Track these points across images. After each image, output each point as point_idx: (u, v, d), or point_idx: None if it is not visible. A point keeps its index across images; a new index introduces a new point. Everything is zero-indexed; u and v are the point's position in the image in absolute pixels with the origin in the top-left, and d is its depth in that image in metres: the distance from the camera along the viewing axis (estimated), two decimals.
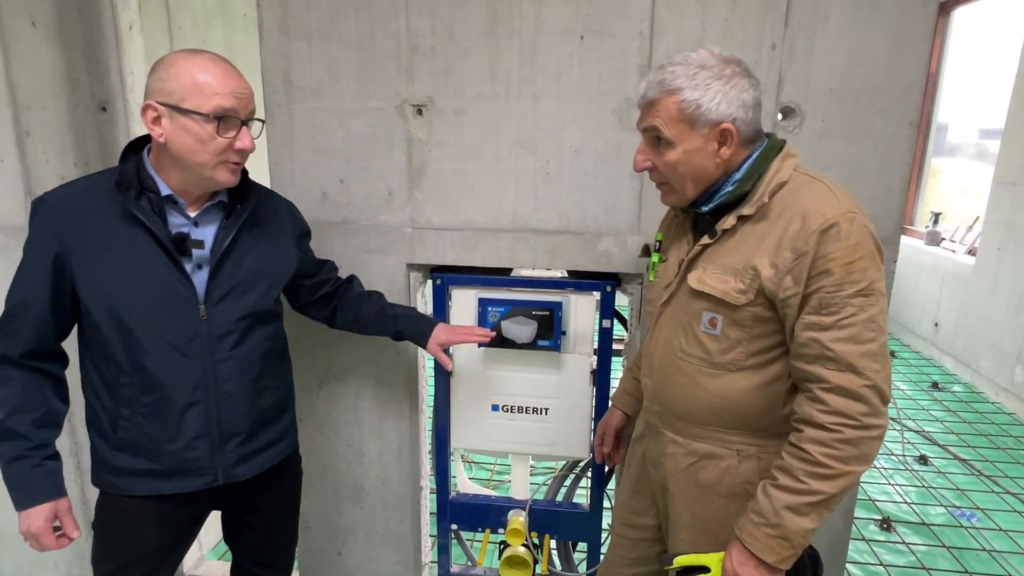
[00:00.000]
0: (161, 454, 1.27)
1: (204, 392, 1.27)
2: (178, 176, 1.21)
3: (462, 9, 1.58)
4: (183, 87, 1.13)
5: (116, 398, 1.25)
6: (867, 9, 1.44)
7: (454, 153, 1.67)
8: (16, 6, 1.64)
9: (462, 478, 1.99)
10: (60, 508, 1.26)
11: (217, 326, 1.26)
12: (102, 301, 1.19)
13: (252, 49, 2.73)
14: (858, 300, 1.01)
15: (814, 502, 1.02)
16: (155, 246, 1.20)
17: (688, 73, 1.07)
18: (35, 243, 1.18)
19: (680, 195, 1.17)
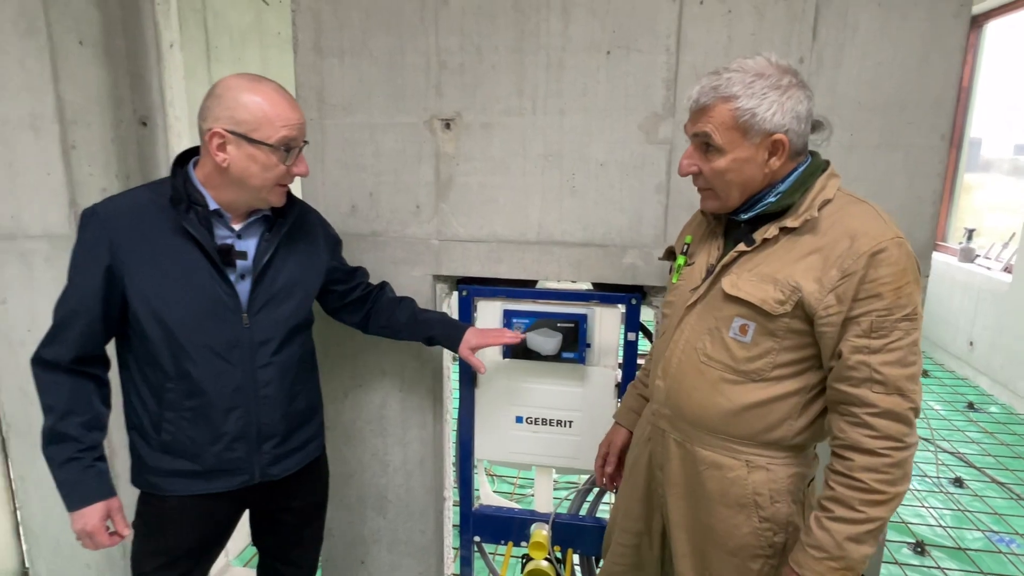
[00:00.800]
0: (202, 455, 1.32)
1: (244, 396, 1.32)
2: (230, 194, 1.26)
3: (490, 26, 1.62)
4: (253, 118, 1.19)
5: (160, 402, 1.29)
6: (896, 21, 1.44)
7: (481, 167, 1.70)
8: (66, 26, 1.72)
9: (485, 490, 1.99)
10: (112, 507, 1.31)
11: (258, 333, 1.32)
12: (151, 310, 1.23)
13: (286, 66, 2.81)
14: (905, 324, 1.03)
15: (872, 529, 1.04)
16: (202, 257, 1.25)
17: (745, 81, 1.07)
18: (86, 254, 1.22)
19: (723, 202, 1.17)
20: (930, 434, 3.85)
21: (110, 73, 1.78)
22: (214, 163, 1.22)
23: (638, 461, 1.39)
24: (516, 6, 1.59)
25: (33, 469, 2.05)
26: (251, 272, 1.30)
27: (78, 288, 1.23)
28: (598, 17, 1.56)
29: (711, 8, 1.51)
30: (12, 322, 1.93)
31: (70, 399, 1.26)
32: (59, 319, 1.25)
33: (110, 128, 1.81)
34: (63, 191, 1.81)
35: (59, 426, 1.25)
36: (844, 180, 1.51)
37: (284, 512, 1.52)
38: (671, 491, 1.27)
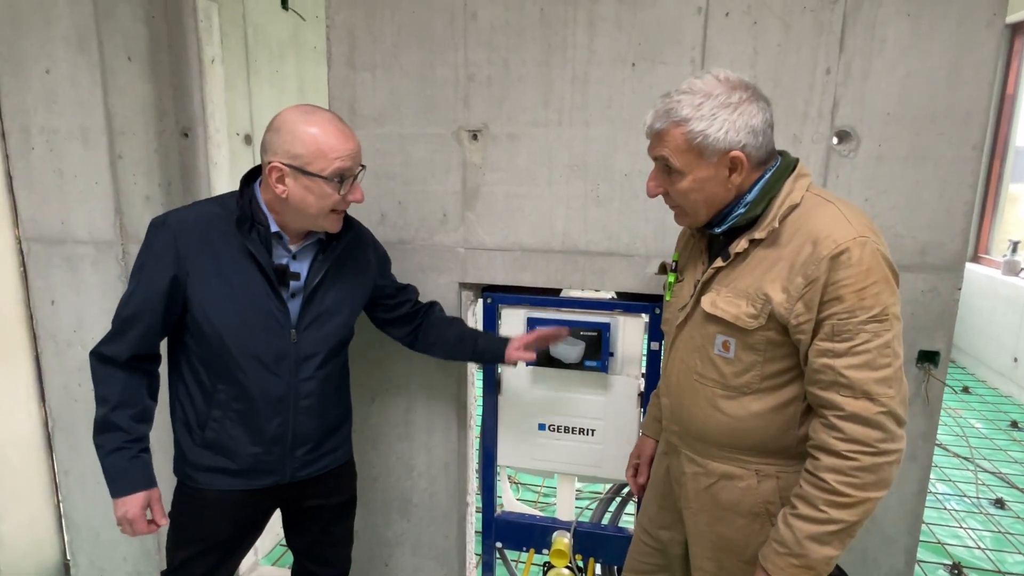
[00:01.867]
0: (240, 455, 1.39)
1: (286, 406, 1.39)
2: (290, 220, 1.33)
3: (517, 40, 1.65)
4: (309, 152, 1.24)
5: (209, 401, 1.37)
6: (926, 31, 1.42)
7: (507, 177, 1.73)
8: (116, 44, 1.81)
9: (508, 496, 2.00)
10: (152, 497, 1.37)
11: (304, 349, 1.39)
12: (209, 319, 1.31)
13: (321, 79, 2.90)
14: (872, 326, 1.01)
15: (835, 531, 1.03)
16: (259, 275, 1.32)
17: (694, 103, 1.06)
18: (155, 260, 1.29)
19: (693, 218, 1.18)
20: (970, 453, 3.72)
21: (155, 87, 1.87)
22: (275, 193, 1.29)
23: (657, 472, 1.41)
24: (543, 20, 1.62)
25: (76, 464, 2.14)
26: (302, 292, 1.38)
27: (143, 292, 1.30)
28: (624, 30, 1.58)
29: (737, 20, 1.52)
30: (59, 323, 2.03)
31: (123, 392, 1.33)
32: (124, 319, 1.32)
33: (154, 139, 1.89)
34: (109, 199, 1.90)
35: (111, 416, 1.33)
36: (873, 192, 1.51)
37: (314, 511, 1.56)
38: (687, 505, 1.28)
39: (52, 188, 1.94)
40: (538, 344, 1.63)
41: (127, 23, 1.82)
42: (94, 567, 2.23)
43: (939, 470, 3.52)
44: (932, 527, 2.95)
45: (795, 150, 1.54)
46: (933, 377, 1.55)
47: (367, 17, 1.73)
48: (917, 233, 1.51)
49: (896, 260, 1.50)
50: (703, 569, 1.27)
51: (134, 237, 1.92)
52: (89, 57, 1.82)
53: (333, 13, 1.75)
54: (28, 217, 1.99)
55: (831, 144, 1.52)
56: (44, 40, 1.84)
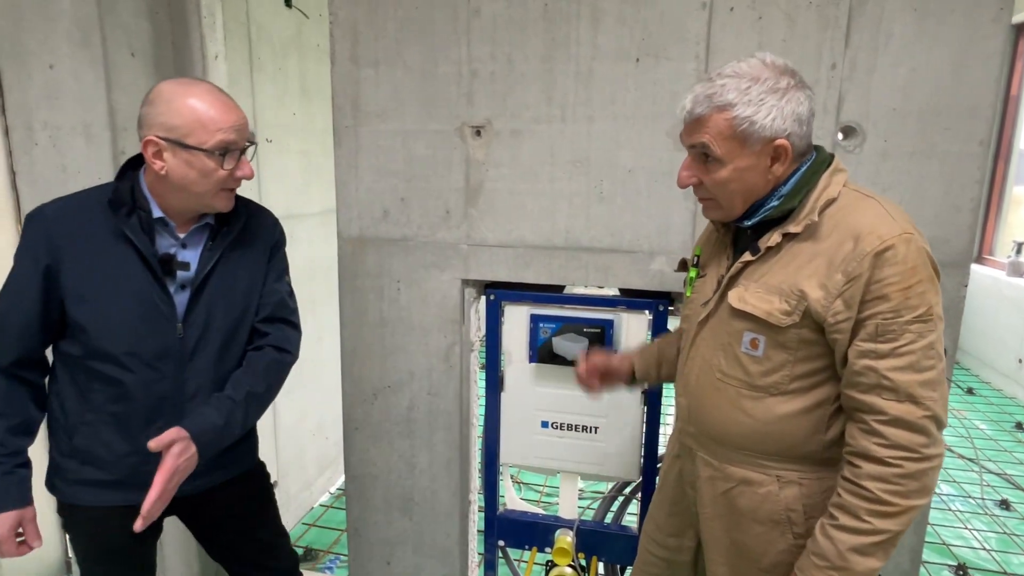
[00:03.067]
0: (116, 465, 1.27)
1: (169, 407, 1.26)
2: (174, 201, 1.23)
3: (521, 36, 1.64)
4: (185, 123, 1.15)
5: (83, 403, 1.25)
6: (932, 25, 1.42)
7: (510, 173, 1.72)
8: (119, 39, 1.81)
9: (510, 494, 2.00)
10: (25, 517, 1.24)
11: (191, 344, 1.27)
12: (85, 313, 1.20)
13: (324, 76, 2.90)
14: (917, 327, 0.96)
15: (879, 541, 0.98)
16: (141, 265, 1.21)
17: (740, 87, 1.01)
18: (26, 253, 1.20)
19: (727, 211, 1.12)
20: (975, 454, 3.71)
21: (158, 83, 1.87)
22: (154, 172, 1.19)
23: (667, 476, 1.36)
24: (546, 16, 1.62)
25: None
26: (191, 283, 1.27)
27: (16, 289, 1.20)
28: (627, 25, 1.58)
29: (741, 15, 1.51)
30: None
31: (1, 403, 1.22)
32: (5, 326, 1.21)
33: None
34: None
35: None
36: (877, 188, 1.50)
37: (224, 521, 1.47)
38: (703, 510, 1.23)
39: (55, 184, 1.94)
40: None
41: (130, 19, 1.82)
42: None
43: (944, 471, 3.51)
44: (937, 528, 2.94)
45: None
46: None
47: (370, 13, 1.73)
48: (923, 229, 1.44)
49: None
50: (717, 575, 1.23)
51: None
52: (92, 53, 1.82)
53: (336, 9, 1.75)
54: None
55: (836, 140, 1.52)
56: (47, 35, 1.84)
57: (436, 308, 1.84)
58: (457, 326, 1.84)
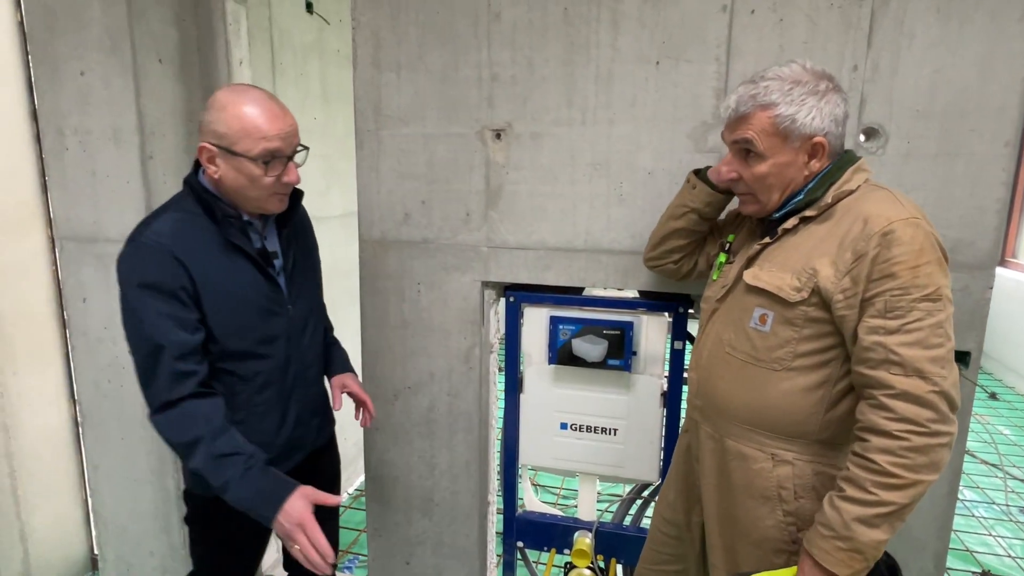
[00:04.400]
0: (274, 443, 1.40)
1: (297, 380, 1.44)
2: (237, 203, 1.32)
3: (541, 39, 1.66)
4: (233, 131, 1.21)
5: (232, 407, 1.32)
6: (956, 26, 1.41)
7: (530, 175, 1.73)
8: (147, 46, 1.85)
9: (529, 495, 2.00)
10: (307, 492, 1.22)
11: (298, 322, 1.43)
12: (224, 322, 1.28)
13: (345, 81, 2.93)
14: (925, 305, 1.00)
15: (885, 513, 1.00)
16: (249, 263, 1.33)
17: (783, 88, 1.10)
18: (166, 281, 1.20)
19: (763, 206, 1.20)
20: (999, 460, 3.64)
21: (185, 88, 1.91)
22: (208, 175, 1.27)
23: (678, 452, 1.43)
24: (566, 19, 1.63)
25: (105, 459, 2.18)
26: (283, 268, 1.41)
27: (177, 321, 1.21)
28: (647, 28, 1.58)
29: (762, 17, 1.51)
30: (90, 320, 2.07)
31: (211, 422, 1.21)
32: (172, 355, 1.20)
33: (183, 139, 1.93)
34: (140, 198, 1.94)
35: (215, 448, 1.19)
36: (901, 189, 1.49)
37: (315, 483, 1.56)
38: (704, 482, 1.29)
39: (85, 188, 1.99)
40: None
41: (158, 26, 1.86)
42: (122, 562, 2.26)
43: (967, 477, 3.45)
44: (961, 534, 2.89)
45: None
46: (964, 378, 1.53)
47: (392, 18, 1.75)
48: (947, 231, 1.49)
49: None
50: (715, 546, 1.28)
51: None
52: (122, 59, 1.86)
53: (359, 15, 1.78)
54: (61, 216, 2.04)
55: (858, 141, 1.51)
56: (78, 43, 1.89)
57: (456, 310, 1.86)
58: (477, 328, 1.85)
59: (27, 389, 2.17)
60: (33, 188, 2.14)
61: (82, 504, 2.40)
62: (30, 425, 2.18)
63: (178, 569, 2.20)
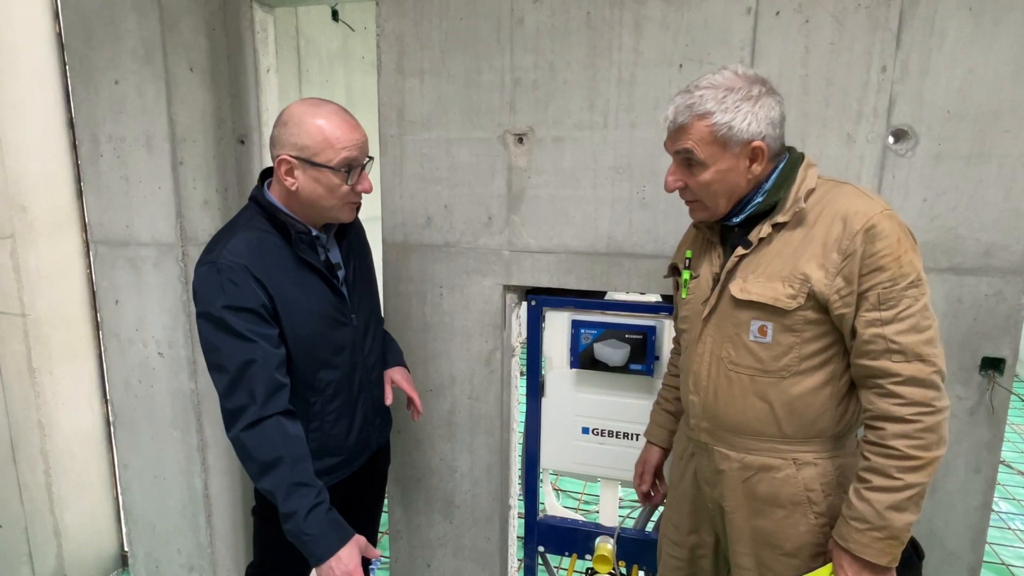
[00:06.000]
0: (344, 445, 1.46)
1: (363, 385, 1.49)
2: (308, 215, 1.36)
3: (563, 44, 1.66)
4: (315, 143, 1.25)
5: (306, 417, 1.36)
6: (988, 26, 1.38)
7: (552, 179, 1.74)
8: (179, 55, 1.90)
9: (550, 500, 2.00)
10: (360, 543, 1.27)
11: (361, 329, 1.48)
12: (299, 336, 1.32)
13: (368, 87, 2.97)
14: (912, 291, 1.05)
15: (912, 495, 1.04)
16: (317, 277, 1.36)
17: (716, 96, 1.11)
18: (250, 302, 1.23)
19: (712, 212, 1.21)
20: None
21: (214, 96, 1.96)
22: (286, 188, 1.30)
23: (684, 477, 1.39)
24: (589, 23, 1.63)
25: (135, 458, 2.23)
26: (346, 279, 1.45)
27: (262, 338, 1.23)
28: (670, 31, 1.58)
29: (788, 18, 1.50)
30: (122, 322, 2.13)
31: (295, 447, 1.23)
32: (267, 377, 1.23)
33: (212, 145, 1.97)
34: (171, 203, 1.99)
35: (293, 476, 1.21)
36: (931, 192, 1.47)
37: (365, 488, 1.64)
38: (725, 503, 1.27)
39: (118, 193, 2.04)
40: None
41: (190, 36, 1.91)
42: (151, 558, 2.31)
43: (1003, 488, 3.35)
44: (995, 547, 2.81)
45: (849, 150, 1.50)
46: (998, 385, 1.49)
47: (415, 24, 1.77)
48: (980, 235, 1.45)
49: (957, 263, 1.47)
50: (742, 567, 1.26)
51: (193, 240, 2.00)
52: (154, 68, 1.92)
53: (383, 21, 1.80)
54: (95, 221, 2.10)
55: (887, 143, 1.48)
56: (114, 53, 1.94)
57: (478, 313, 1.86)
58: (499, 331, 1.86)
59: (61, 389, 2.23)
60: (69, 194, 2.21)
61: (113, 502, 2.46)
62: (64, 424, 2.25)
63: (204, 566, 2.24)
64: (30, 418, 2.15)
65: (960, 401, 1.52)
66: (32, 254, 2.11)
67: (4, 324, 2.06)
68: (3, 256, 2.04)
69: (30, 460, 2.17)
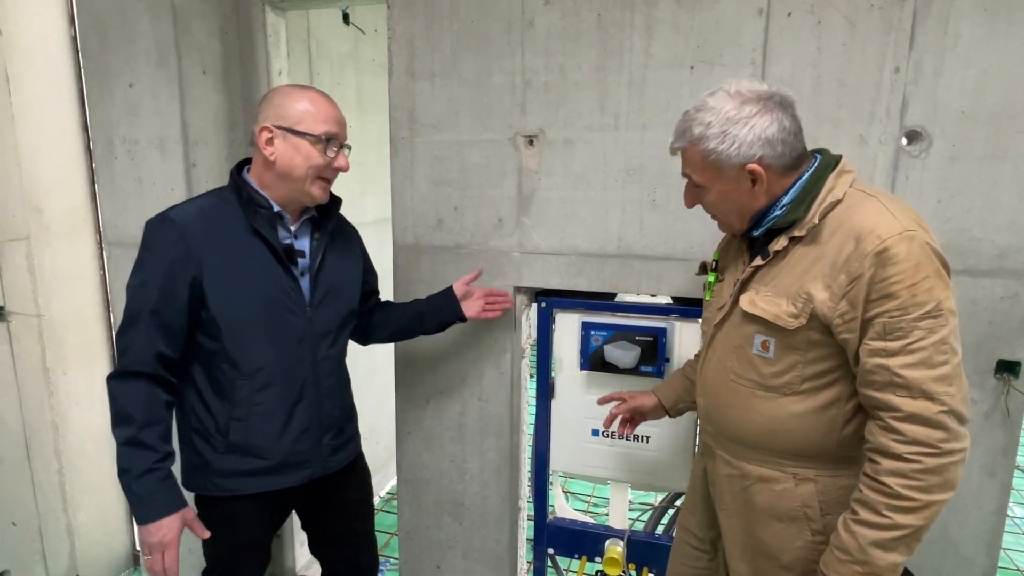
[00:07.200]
0: (271, 450, 1.37)
1: (309, 388, 1.40)
2: (280, 192, 1.35)
3: (574, 46, 1.66)
4: (298, 113, 1.31)
5: (231, 401, 1.33)
6: (1003, 26, 1.36)
7: (562, 181, 1.74)
8: (193, 59, 1.92)
9: (560, 502, 1.99)
10: (187, 517, 1.29)
11: (319, 327, 1.41)
12: (232, 309, 1.29)
13: (379, 90, 2.99)
14: (926, 323, 0.97)
15: (900, 536, 0.99)
16: (270, 255, 1.34)
17: (704, 121, 1.09)
18: (167, 259, 1.25)
19: (730, 228, 1.22)
20: None
21: (227, 99, 1.97)
22: (263, 159, 1.32)
23: (696, 473, 1.41)
24: (600, 26, 1.63)
25: None
26: (309, 269, 1.41)
27: (159, 291, 1.24)
28: (682, 33, 1.58)
29: (800, 19, 1.49)
30: None
31: (148, 409, 1.25)
32: (139, 326, 1.24)
33: (224, 147, 1.99)
34: None
35: (139, 436, 1.23)
36: (945, 194, 1.45)
37: (337, 510, 1.57)
38: (722, 507, 1.27)
39: (132, 195, 2.06)
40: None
41: (203, 39, 1.92)
42: None
43: (1017, 493, 3.31)
44: (1011, 553, 2.77)
45: (861, 151, 1.50)
46: (1014, 388, 1.47)
47: (426, 27, 1.78)
48: (995, 236, 1.44)
49: (972, 265, 1.45)
50: (738, 572, 1.26)
51: None
52: (168, 72, 1.93)
53: (394, 24, 1.81)
54: (109, 222, 2.12)
55: (900, 145, 1.47)
56: (128, 56, 1.96)
57: None
58: (509, 333, 1.86)
59: (75, 389, 2.25)
60: (83, 195, 2.23)
61: (125, 501, 2.48)
62: (78, 424, 2.27)
63: None
64: (44, 418, 2.17)
65: (975, 404, 1.50)
66: (47, 255, 2.13)
67: (19, 324, 2.08)
68: (18, 257, 2.06)
69: (44, 460, 2.19)
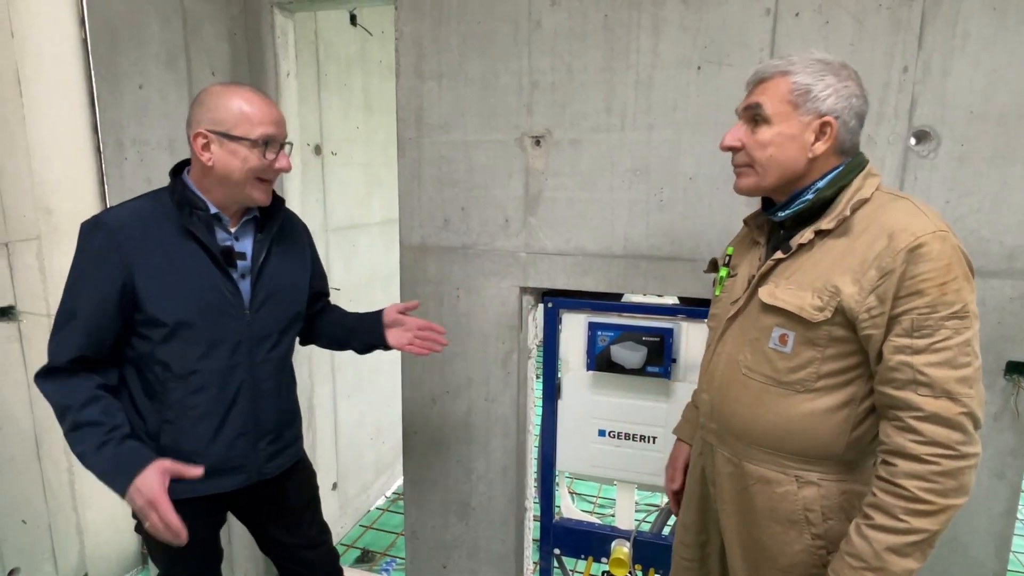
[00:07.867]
0: (204, 455, 1.33)
1: (246, 392, 1.37)
2: (219, 195, 1.32)
3: (581, 46, 1.67)
4: (232, 117, 1.26)
5: (163, 404, 1.30)
6: (1013, 25, 1.36)
7: (569, 182, 1.74)
8: (202, 60, 1.94)
9: (566, 503, 2.00)
10: (164, 466, 1.22)
11: (258, 330, 1.38)
12: (167, 312, 1.26)
13: (386, 91, 3.00)
14: (953, 323, 0.96)
15: (917, 541, 0.96)
16: (206, 258, 1.30)
17: (805, 61, 1.08)
18: (98, 264, 1.24)
19: (759, 180, 1.13)
20: None
21: None
22: (201, 164, 1.28)
23: (692, 474, 1.38)
24: (606, 26, 1.64)
25: None
26: (249, 272, 1.37)
27: (89, 295, 1.24)
28: (689, 33, 1.58)
29: (807, 19, 1.49)
30: None
31: (81, 393, 1.25)
32: (67, 328, 1.25)
33: None
34: None
35: (79, 417, 1.23)
36: (954, 194, 1.45)
37: (276, 516, 1.55)
38: (722, 507, 1.25)
39: None
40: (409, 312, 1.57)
41: (212, 41, 1.94)
42: None
43: None
44: (1020, 555, 2.75)
45: (870, 152, 1.49)
46: (1023, 389, 1.46)
47: (433, 28, 1.79)
48: (1004, 237, 1.43)
49: (981, 265, 1.45)
50: (739, 571, 1.24)
51: None
52: (177, 73, 1.95)
53: (401, 25, 1.82)
54: None
55: (908, 145, 1.47)
56: (138, 58, 1.98)
57: (495, 315, 1.87)
58: (515, 333, 1.86)
59: None
60: (93, 196, 2.25)
61: None
62: None
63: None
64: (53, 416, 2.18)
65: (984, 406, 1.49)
66: (57, 255, 2.15)
67: (30, 324, 2.10)
68: (29, 257, 2.08)
69: (54, 458, 2.20)
